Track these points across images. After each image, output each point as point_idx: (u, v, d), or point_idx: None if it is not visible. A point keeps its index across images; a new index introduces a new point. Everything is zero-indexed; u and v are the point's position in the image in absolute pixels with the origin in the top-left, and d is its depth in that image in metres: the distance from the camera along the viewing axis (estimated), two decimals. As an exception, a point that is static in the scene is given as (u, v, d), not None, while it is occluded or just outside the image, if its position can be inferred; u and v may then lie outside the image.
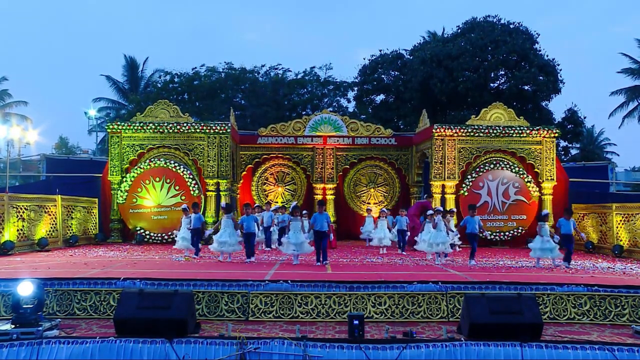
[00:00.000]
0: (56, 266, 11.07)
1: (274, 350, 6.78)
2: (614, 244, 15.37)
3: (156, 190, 17.64)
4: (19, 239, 14.28)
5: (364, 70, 36.63)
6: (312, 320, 8.24)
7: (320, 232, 11.88)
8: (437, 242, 12.62)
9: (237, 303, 8.40)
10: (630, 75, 40.24)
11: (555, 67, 32.33)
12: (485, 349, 6.79)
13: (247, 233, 12.56)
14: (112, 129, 18.39)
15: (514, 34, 32.51)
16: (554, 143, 18.48)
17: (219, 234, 12.37)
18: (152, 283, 8.68)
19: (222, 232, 12.30)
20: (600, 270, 11.53)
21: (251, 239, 12.61)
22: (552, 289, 8.69)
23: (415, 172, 20.60)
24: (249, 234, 12.57)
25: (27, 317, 7.08)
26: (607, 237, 16.09)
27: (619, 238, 15.32)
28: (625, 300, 8.51)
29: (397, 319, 8.34)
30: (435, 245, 12.66)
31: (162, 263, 11.85)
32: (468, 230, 12.73)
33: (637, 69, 39.86)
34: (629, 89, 40.35)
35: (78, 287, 8.60)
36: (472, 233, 12.62)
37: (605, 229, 16.23)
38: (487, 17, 34.48)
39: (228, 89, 35.45)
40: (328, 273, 10.28)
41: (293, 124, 20.90)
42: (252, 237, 12.68)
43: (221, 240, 12.17)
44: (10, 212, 14.02)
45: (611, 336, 7.55)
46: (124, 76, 44.03)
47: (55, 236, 15.88)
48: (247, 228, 12.60)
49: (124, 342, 6.78)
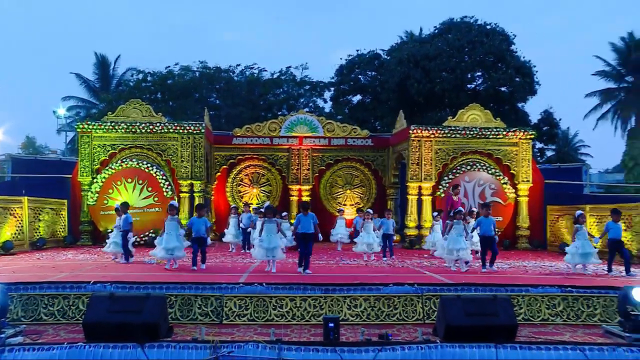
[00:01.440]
0: (22, 270, 10.89)
1: (248, 354, 6.76)
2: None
3: (128, 191, 17.47)
4: (-18, 242, 13.98)
5: (340, 71, 36.76)
6: (287, 323, 8.25)
7: (307, 234, 11.04)
8: (456, 248, 11.44)
9: (211, 306, 8.37)
10: (604, 77, 41.04)
11: (531, 68, 32.76)
12: (460, 350, 6.86)
13: (196, 238, 11.31)
14: (82, 129, 18.16)
15: (490, 35, 32.86)
16: (529, 145, 18.73)
17: (163, 239, 11.06)
18: (124, 286, 8.59)
19: (168, 237, 11.03)
20: (574, 272, 11.72)
21: (202, 244, 11.34)
22: (527, 291, 8.84)
23: (391, 174, 20.71)
24: (198, 239, 11.31)
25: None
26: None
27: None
28: (597, 301, 8.70)
29: (373, 321, 8.39)
30: (454, 251, 11.47)
31: (133, 266, 11.74)
32: (481, 232, 11.84)
33: (610, 72, 40.67)
34: (603, 91, 41.15)
35: (45, 291, 8.46)
36: (487, 235, 11.72)
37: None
38: (464, 17, 34.81)
39: (202, 89, 35.29)
40: (303, 275, 10.29)
41: (268, 125, 20.87)
42: (203, 242, 11.40)
43: (169, 247, 10.95)
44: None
45: (583, 336, 7.74)
46: (95, 74, 43.53)
47: (21, 239, 15.57)
48: (196, 232, 11.35)
49: (94, 348, 6.67)
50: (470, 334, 7.01)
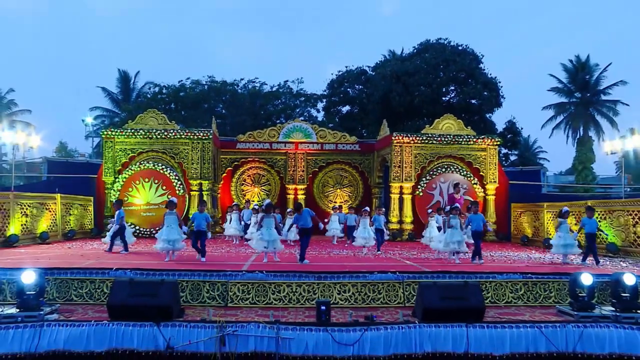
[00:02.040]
0: (56, 257, 10.90)
1: (250, 333, 6.77)
2: (544, 237, 15.70)
3: (145, 189, 17.43)
4: (23, 232, 14.04)
5: (331, 84, 36.72)
6: (284, 306, 8.24)
7: (306, 228, 10.85)
8: (454, 241, 11.19)
9: (217, 291, 8.35)
10: (558, 93, 41.74)
11: (497, 84, 32.88)
12: (436, 330, 6.89)
13: (197, 231, 10.84)
14: (106, 135, 18.11)
15: (462, 55, 32.95)
16: (496, 150, 18.77)
17: (163, 231, 10.59)
18: (142, 273, 8.56)
19: (167, 229, 10.54)
20: (533, 260, 11.77)
21: (201, 237, 10.83)
22: (493, 277, 8.85)
23: (376, 175, 20.71)
24: (198, 232, 10.84)
25: (30, 302, 7.08)
26: (539, 232, 16.44)
27: (549, 232, 15.64)
28: (552, 285, 8.76)
29: (360, 304, 8.39)
30: (451, 244, 11.22)
31: (150, 255, 11.68)
32: (473, 228, 11.41)
33: (562, 88, 41.40)
34: (556, 105, 41.79)
35: (75, 276, 8.48)
36: (477, 231, 11.31)
37: (538, 225, 16.59)
38: (439, 39, 34.86)
39: (210, 100, 35.13)
40: (298, 264, 10.25)
41: (268, 132, 20.81)
42: (203, 235, 10.89)
43: (170, 238, 10.48)
44: (15, 209, 13.79)
45: (540, 315, 7.81)
46: (117, 87, 43.46)
47: (55, 230, 15.60)
48: (197, 226, 10.87)
49: (116, 325, 6.75)
50: (444, 315, 7.04)
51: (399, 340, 6.81)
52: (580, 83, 40.27)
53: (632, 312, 7.33)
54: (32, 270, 7.26)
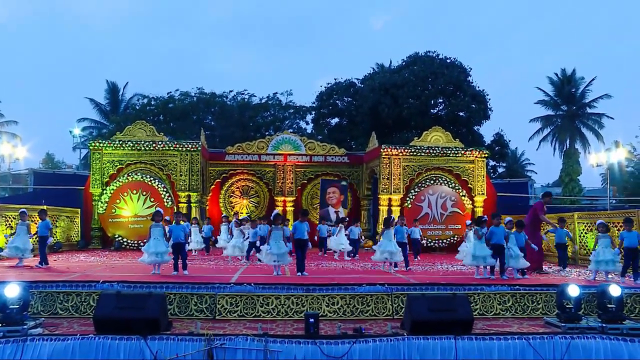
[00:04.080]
0: (41, 270, 10.79)
1: (238, 346, 6.72)
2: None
3: (133, 201, 17.33)
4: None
5: (320, 96, 36.85)
6: (272, 318, 8.20)
7: (302, 240, 10.72)
8: (484, 255, 10.39)
9: (205, 303, 8.30)
10: (545, 106, 42.38)
11: (485, 97, 33.19)
12: (424, 342, 6.89)
13: (175, 244, 10.40)
14: (94, 146, 18.05)
15: (450, 68, 33.27)
16: (484, 162, 18.94)
17: (150, 244, 10.22)
18: (129, 285, 8.50)
19: (155, 242, 10.17)
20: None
21: (181, 249, 10.46)
22: (481, 289, 8.88)
23: (365, 187, 20.78)
24: (177, 244, 10.42)
25: (13, 316, 6.93)
26: (528, 244, 16.47)
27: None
28: (540, 297, 8.80)
29: (348, 317, 8.36)
30: (481, 259, 10.41)
31: (137, 267, 11.59)
32: (493, 242, 10.49)
33: (549, 101, 42.06)
34: (543, 117, 42.40)
35: (61, 289, 8.39)
36: (498, 244, 10.44)
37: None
38: (428, 52, 35.20)
39: (199, 111, 35.19)
40: (287, 277, 10.23)
41: (257, 143, 20.85)
42: (182, 248, 10.51)
43: (157, 251, 10.11)
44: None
45: (528, 327, 7.83)
46: (106, 99, 43.45)
47: (40, 243, 15.40)
48: (175, 238, 10.42)
49: (103, 339, 6.66)
50: (433, 327, 7.04)
51: (388, 352, 6.81)
52: (566, 96, 41.05)
53: (617, 323, 7.41)
54: (15, 283, 7.12)
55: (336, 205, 20.18)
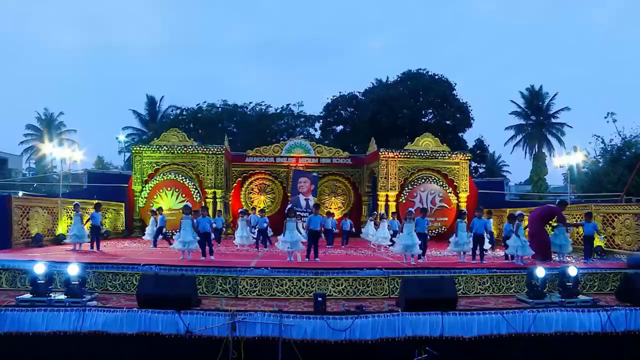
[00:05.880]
0: (94, 254, 11.02)
1: (257, 320, 6.80)
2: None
3: (168, 197, 17.40)
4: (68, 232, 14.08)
5: (327, 107, 36.90)
6: (286, 297, 8.23)
7: (315, 231, 10.59)
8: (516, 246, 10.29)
9: (229, 284, 8.36)
10: (517, 116, 43.00)
11: (467, 108, 33.21)
12: (416, 317, 6.94)
13: (203, 233, 10.53)
14: (135, 150, 18.14)
15: (438, 83, 33.29)
16: (467, 164, 18.85)
17: (180, 234, 10.28)
18: (165, 268, 8.59)
19: (183, 232, 10.20)
20: (497, 258, 11.72)
21: (207, 238, 10.61)
22: (464, 272, 8.87)
23: (365, 185, 20.75)
24: (204, 234, 10.55)
25: (75, 290, 7.28)
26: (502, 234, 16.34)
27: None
28: (513, 278, 8.80)
29: (351, 296, 8.39)
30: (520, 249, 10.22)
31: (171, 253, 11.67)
32: (474, 231, 10.62)
33: (521, 112, 42.65)
34: (516, 126, 43.19)
35: (110, 269, 8.55)
36: (478, 234, 10.60)
37: (502, 228, 16.48)
38: (419, 69, 35.22)
39: (223, 120, 35.32)
40: (298, 262, 10.21)
41: (273, 147, 20.87)
42: (208, 237, 10.67)
43: (185, 240, 10.16)
44: (62, 213, 13.96)
45: (503, 303, 7.87)
46: (145, 110, 44.06)
47: (94, 231, 15.65)
48: (202, 229, 10.53)
49: (144, 312, 6.86)
50: (424, 305, 7.08)
51: (385, 326, 6.86)
52: (535, 108, 41.80)
53: (574, 298, 7.72)
54: (76, 264, 7.44)
55: (306, 193, 19.44)
